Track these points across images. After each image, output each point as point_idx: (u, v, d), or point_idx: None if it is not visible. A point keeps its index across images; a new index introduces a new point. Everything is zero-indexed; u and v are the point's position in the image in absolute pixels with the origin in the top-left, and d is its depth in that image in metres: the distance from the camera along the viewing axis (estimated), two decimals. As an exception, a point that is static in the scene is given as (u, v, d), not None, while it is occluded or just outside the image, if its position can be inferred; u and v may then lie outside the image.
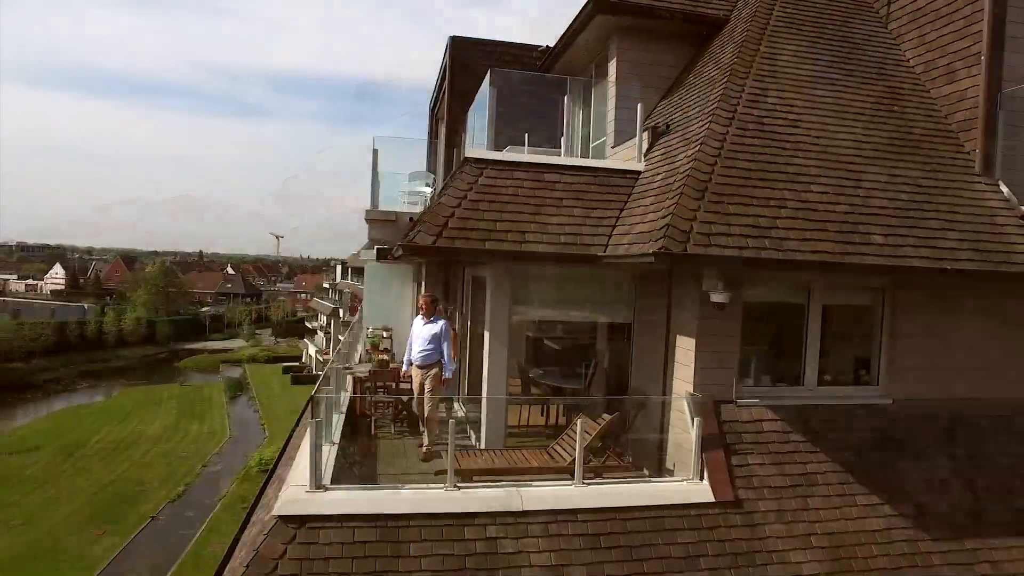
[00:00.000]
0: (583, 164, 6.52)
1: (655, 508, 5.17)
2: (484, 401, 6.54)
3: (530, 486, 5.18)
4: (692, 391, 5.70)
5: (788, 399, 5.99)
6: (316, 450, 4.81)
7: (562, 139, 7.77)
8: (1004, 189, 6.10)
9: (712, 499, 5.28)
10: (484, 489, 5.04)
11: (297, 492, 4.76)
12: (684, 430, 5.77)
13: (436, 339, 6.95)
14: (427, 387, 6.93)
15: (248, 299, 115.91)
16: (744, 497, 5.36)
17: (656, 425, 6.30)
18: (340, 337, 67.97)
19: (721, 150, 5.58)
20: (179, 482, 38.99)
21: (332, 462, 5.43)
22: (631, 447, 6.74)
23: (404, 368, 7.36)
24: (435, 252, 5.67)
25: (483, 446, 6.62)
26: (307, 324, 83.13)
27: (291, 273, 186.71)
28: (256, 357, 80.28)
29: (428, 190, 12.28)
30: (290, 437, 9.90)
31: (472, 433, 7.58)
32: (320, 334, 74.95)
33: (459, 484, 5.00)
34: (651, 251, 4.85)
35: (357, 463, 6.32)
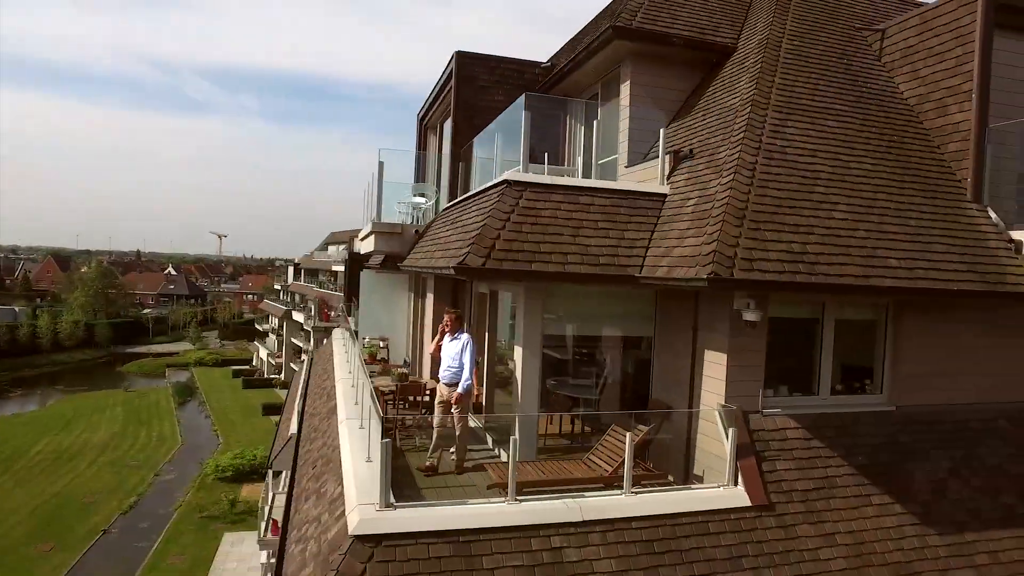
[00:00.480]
0: (614, 187, 6.82)
1: (698, 513, 5.54)
2: (517, 414, 6.75)
3: (584, 496, 5.46)
4: (723, 402, 6.10)
5: (805, 408, 6.47)
6: (387, 470, 4.94)
7: (579, 158, 8.07)
8: (992, 214, 6.75)
9: (748, 503, 5.68)
10: (544, 501, 5.29)
11: (367, 511, 4.89)
12: (715, 439, 6.16)
13: (459, 355, 7.03)
14: (454, 405, 6.99)
15: (192, 300, 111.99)
16: (776, 501, 5.79)
17: (682, 434, 6.67)
18: (293, 340, 66.36)
19: (753, 179, 5.99)
20: (130, 492, 37.52)
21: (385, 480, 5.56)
22: (652, 455, 7.09)
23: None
24: (485, 274, 5.87)
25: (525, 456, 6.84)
26: (257, 326, 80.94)
27: (235, 273, 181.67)
28: (204, 360, 77.80)
29: (422, 200, 12.38)
30: (297, 449, 9.86)
31: (493, 444, 7.80)
32: (272, 336, 73.14)
33: (519, 497, 5.24)
34: (703, 276, 5.21)
35: (400, 480, 6.44)
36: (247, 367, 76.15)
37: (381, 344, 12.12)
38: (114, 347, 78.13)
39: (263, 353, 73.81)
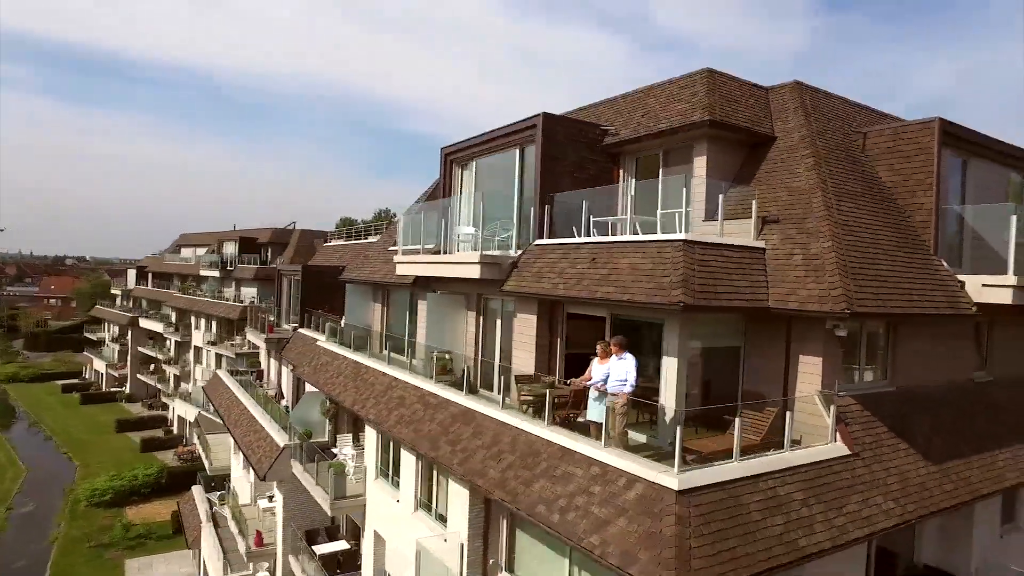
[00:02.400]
0: (740, 244, 9.66)
1: (825, 461, 8.61)
2: (671, 408, 9.33)
3: (766, 455, 8.26)
4: (820, 390, 9.26)
5: (854, 391, 9.86)
6: (680, 447, 7.33)
7: (678, 215, 10.80)
8: (944, 263, 10.71)
9: (847, 453, 8.88)
10: (752, 460, 8.00)
11: (672, 474, 7.25)
12: (812, 413, 9.28)
13: (629, 372, 9.23)
14: (619, 409, 9.25)
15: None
16: (858, 451, 9.06)
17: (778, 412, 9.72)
18: (141, 349, 60.32)
19: (841, 244, 9.22)
20: (-17, 531, 33.08)
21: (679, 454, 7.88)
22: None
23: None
24: (692, 309, 8.42)
25: (664, 440, 9.41)
26: (88, 335, 71.90)
27: (22, 274, 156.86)
28: (17, 375, 67.92)
29: (471, 230, 14.26)
30: (418, 452, 11.31)
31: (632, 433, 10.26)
32: (111, 346, 65.81)
33: (740, 459, 7.90)
34: (840, 309, 8.29)
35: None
36: (77, 381, 67.78)
37: (447, 356, 13.82)
38: None
39: (100, 365, 66.12)
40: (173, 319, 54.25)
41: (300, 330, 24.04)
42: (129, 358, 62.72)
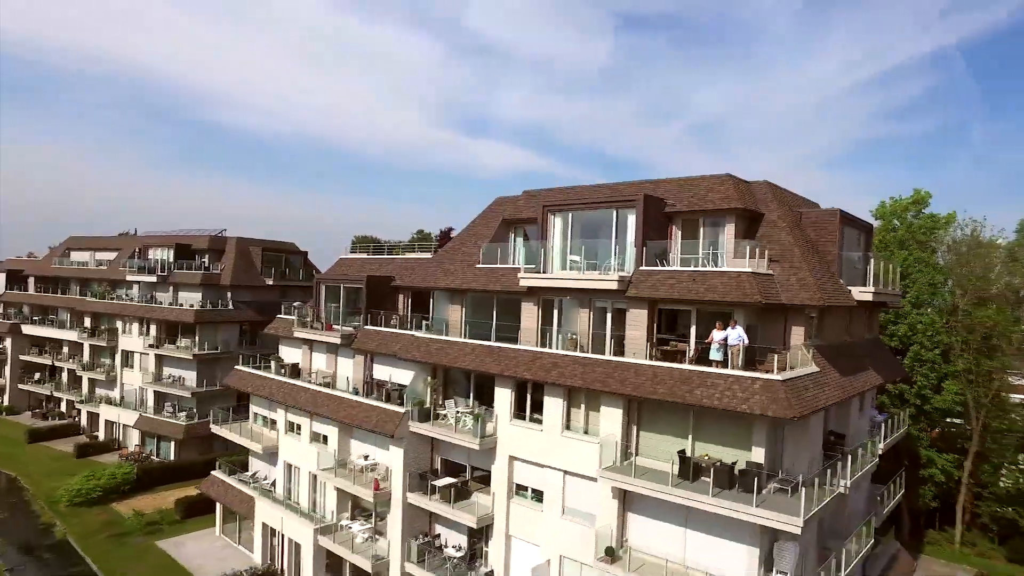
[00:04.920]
0: (767, 272, 19.67)
1: (811, 374, 18.92)
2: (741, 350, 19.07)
3: (792, 371, 18.30)
4: (804, 343, 19.63)
5: (816, 343, 20.44)
6: (786, 368, 17.03)
7: (722, 254, 20.66)
8: (841, 281, 21.87)
9: (818, 370, 19.33)
10: (793, 371, 17.97)
11: (776, 374, 16.91)
12: (803, 354, 19.62)
13: (741, 335, 18.83)
14: (735, 352, 18.74)
15: None
16: (821, 370, 19.57)
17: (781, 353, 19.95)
18: (23, 357, 58.00)
19: (812, 272, 19.69)
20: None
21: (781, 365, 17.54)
22: (768, 360, 20.20)
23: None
24: (765, 304, 18.22)
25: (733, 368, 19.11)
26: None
27: None
28: None
29: (577, 258, 22.94)
30: (569, 396, 19.81)
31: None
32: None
33: (792, 369, 17.83)
34: (820, 304, 18.65)
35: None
36: (-71, 396, 61.11)
37: (574, 337, 22.28)
38: None
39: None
40: (88, 324, 52.93)
41: (367, 327, 30.07)
42: (9, 367, 58.59)
